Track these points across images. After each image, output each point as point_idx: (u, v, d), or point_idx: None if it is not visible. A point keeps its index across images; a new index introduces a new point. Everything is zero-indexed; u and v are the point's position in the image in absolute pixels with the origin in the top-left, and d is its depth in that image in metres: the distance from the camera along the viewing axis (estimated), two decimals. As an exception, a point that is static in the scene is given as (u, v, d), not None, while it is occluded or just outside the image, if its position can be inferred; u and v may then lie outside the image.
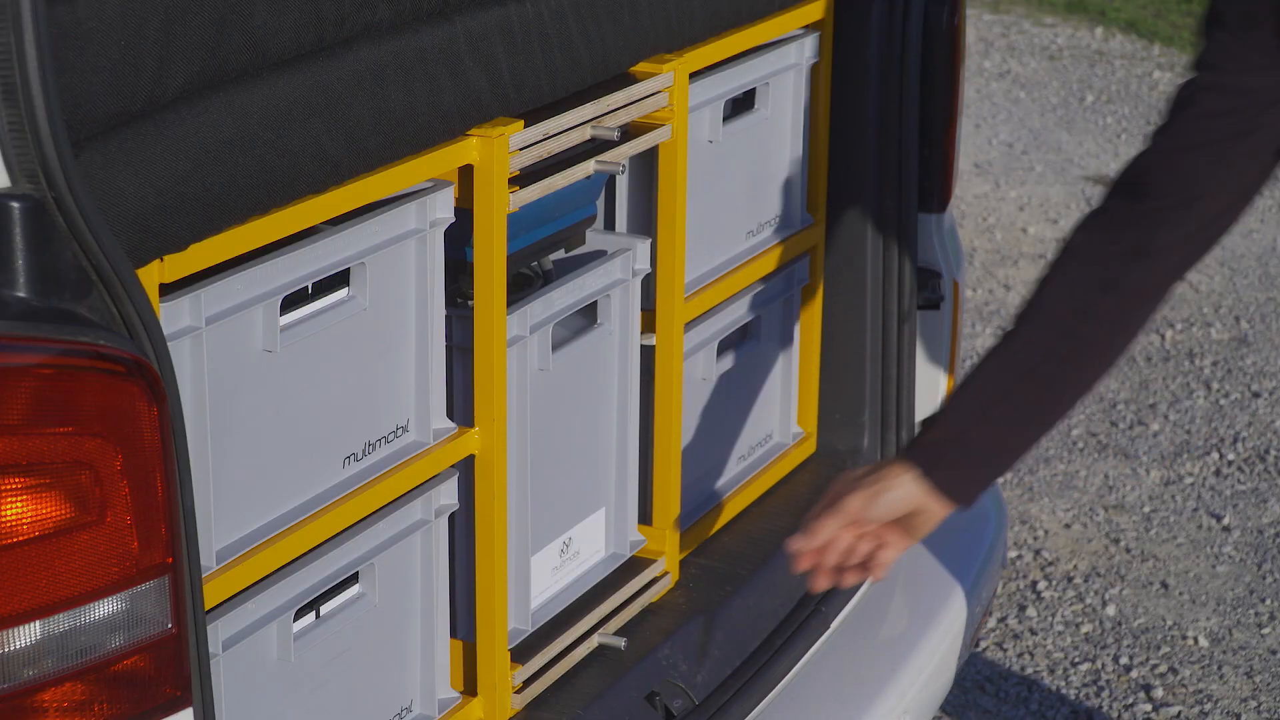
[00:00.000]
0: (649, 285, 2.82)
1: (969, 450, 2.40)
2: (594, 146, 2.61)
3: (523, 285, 2.68)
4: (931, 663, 2.95)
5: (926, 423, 2.46)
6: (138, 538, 1.77)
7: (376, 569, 2.37)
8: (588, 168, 2.60)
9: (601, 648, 2.71)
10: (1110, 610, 4.32)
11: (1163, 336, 5.66)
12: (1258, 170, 2.34)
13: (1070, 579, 4.44)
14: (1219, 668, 4.12)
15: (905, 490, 2.39)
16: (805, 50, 3.09)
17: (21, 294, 1.73)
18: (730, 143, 2.99)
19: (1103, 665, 4.13)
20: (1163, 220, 2.35)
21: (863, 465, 2.47)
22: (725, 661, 2.79)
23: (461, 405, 2.51)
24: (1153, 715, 3.97)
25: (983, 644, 4.19)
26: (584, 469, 2.73)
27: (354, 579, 2.36)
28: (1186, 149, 2.32)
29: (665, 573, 2.87)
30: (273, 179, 2.09)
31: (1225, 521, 4.67)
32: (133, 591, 1.78)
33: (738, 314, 3.04)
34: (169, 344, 1.87)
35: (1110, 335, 2.38)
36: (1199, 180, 2.32)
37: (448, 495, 2.45)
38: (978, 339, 5.63)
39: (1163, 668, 4.12)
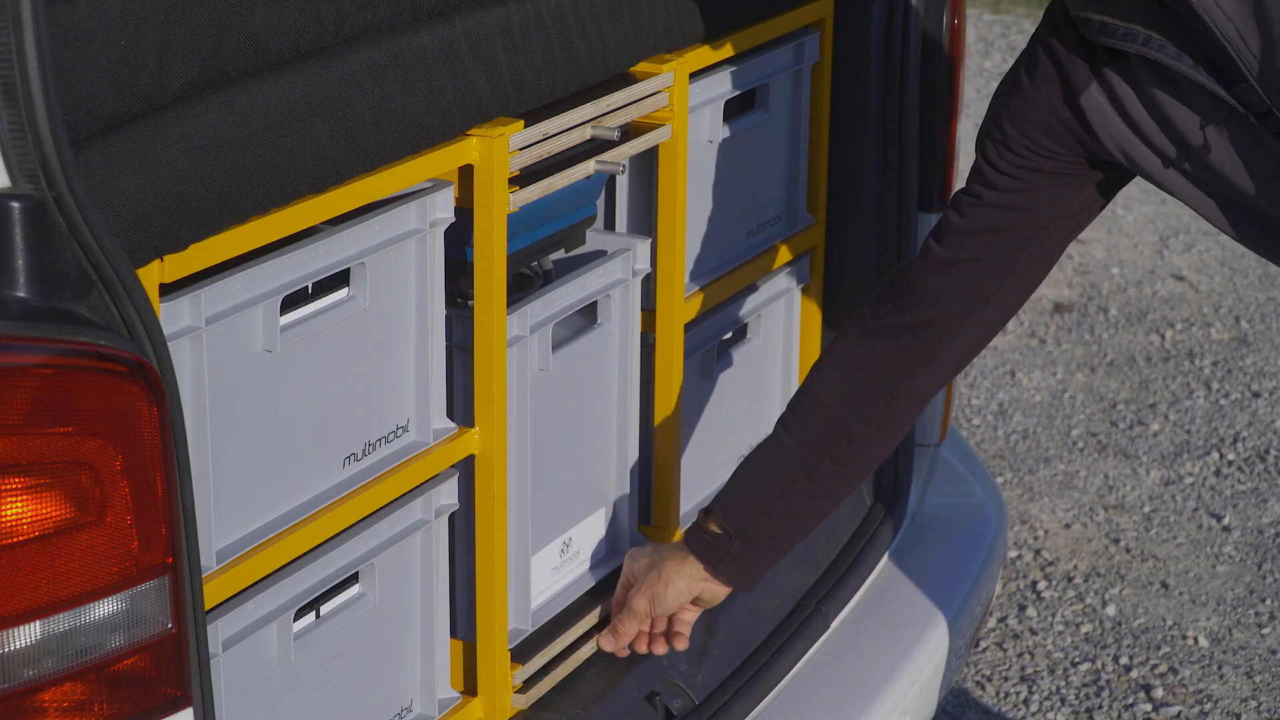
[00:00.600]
0: (649, 285, 2.82)
1: (750, 543, 2.54)
2: (594, 146, 2.61)
3: (523, 285, 2.68)
4: (932, 663, 2.95)
5: (705, 512, 2.58)
6: (138, 538, 1.77)
7: (376, 569, 2.37)
8: (588, 168, 2.60)
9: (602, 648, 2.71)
10: (1110, 610, 4.32)
11: (1163, 336, 5.66)
12: (1039, 273, 2.43)
13: (1070, 579, 4.44)
14: (1219, 668, 4.12)
15: (687, 583, 2.56)
16: (805, 50, 3.09)
17: (21, 294, 1.73)
18: (730, 143, 2.99)
19: (1103, 665, 4.13)
20: (946, 330, 2.43)
21: (647, 545, 2.62)
22: (725, 661, 2.79)
23: (462, 405, 2.51)
24: (1153, 715, 3.97)
25: (983, 644, 4.19)
26: (584, 469, 2.73)
27: (354, 579, 2.36)
28: (968, 260, 2.38)
29: (665, 573, 2.87)
30: (273, 179, 2.09)
31: (1225, 521, 4.67)
32: (133, 591, 1.78)
33: (738, 314, 3.04)
34: (169, 344, 1.87)
35: (890, 432, 2.50)
36: (983, 290, 2.39)
37: (448, 495, 2.45)
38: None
39: (1163, 668, 4.12)
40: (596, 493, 2.77)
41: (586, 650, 2.69)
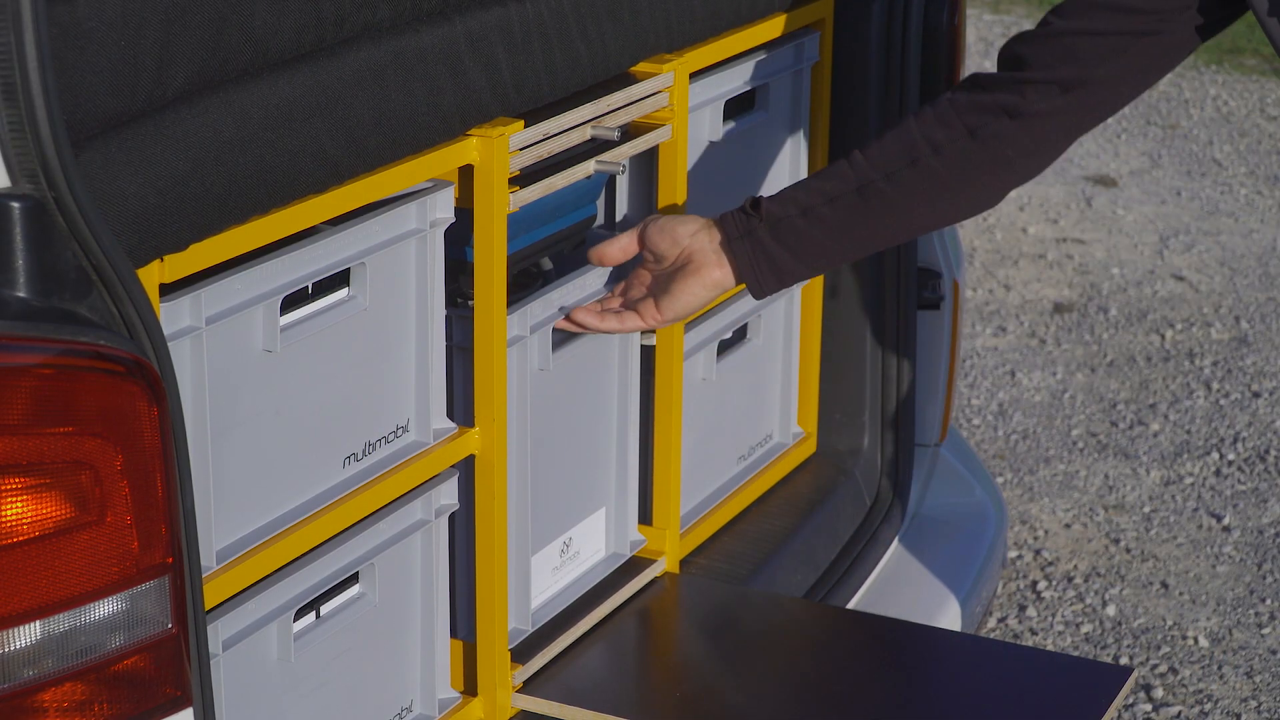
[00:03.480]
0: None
1: (776, 235, 2.43)
2: (594, 146, 2.61)
3: (523, 285, 2.68)
4: (931, 663, 2.95)
5: (751, 199, 2.47)
6: (138, 538, 1.77)
7: (376, 569, 2.37)
8: (588, 168, 2.60)
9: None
10: (1110, 610, 4.32)
11: (1163, 336, 5.66)
12: (1150, 70, 2.37)
13: (1070, 579, 4.44)
14: (1219, 668, 4.12)
15: (692, 230, 2.44)
16: (805, 50, 3.09)
17: (21, 294, 1.73)
18: (730, 143, 2.99)
19: (1103, 665, 4.13)
20: (1041, 93, 2.37)
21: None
22: (725, 661, 2.79)
23: (462, 405, 2.51)
24: (1153, 715, 3.97)
25: (983, 644, 4.19)
26: (584, 469, 2.73)
27: (354, 579, 2.37)
28: (1081, 32, 2.35)
29: (665, 573, 2.87)
30: (273, 179, 2.09)
31: (1225, 521, 4.67)
32: (133, 591, 1.78)
33: (738, 314, 3.04)
34: (169, 344, 1.87)
35: (950, 179, 2.40)
36: (1087, 62, 2.35)
37: (448, 495, 2.45)
38: (977, 339, 5.63)
39: (1163, 668, 4.12)
40: (596, 492, 2.77)
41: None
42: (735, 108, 3.02)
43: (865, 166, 2.42)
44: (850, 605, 3.05)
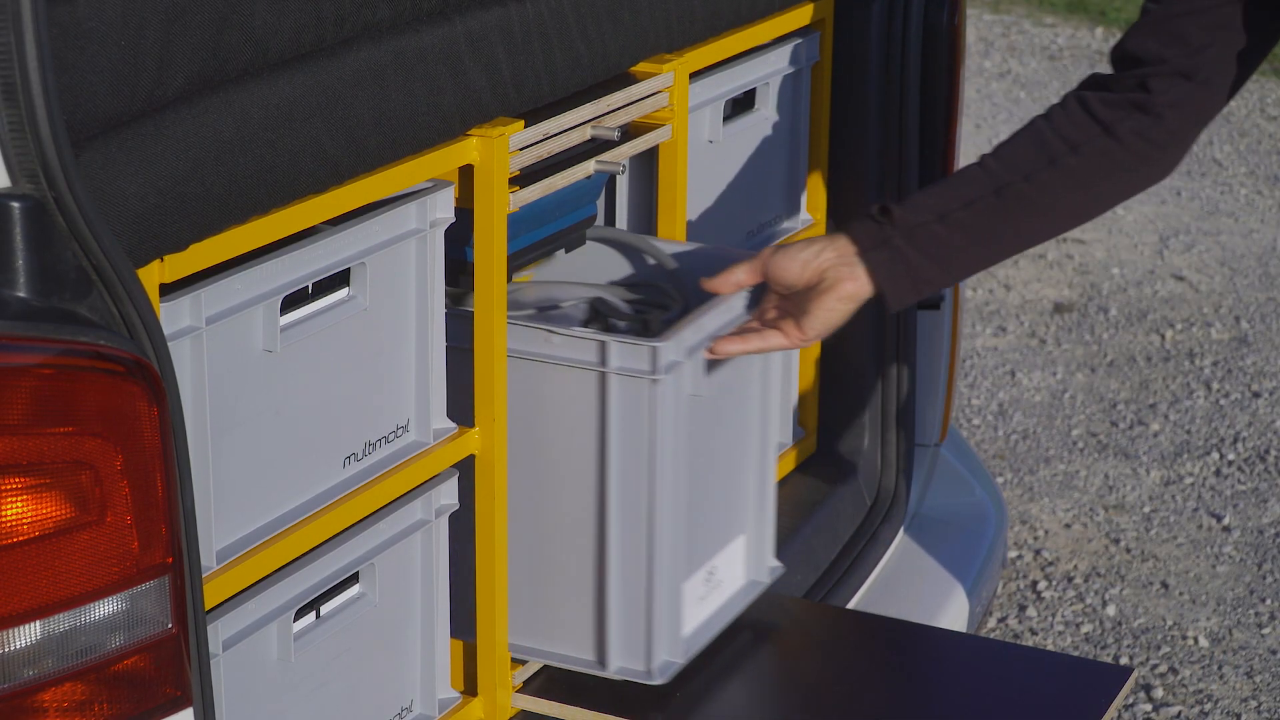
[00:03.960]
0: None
1: (912, 242, 2.38)
2: (594, 146, 2.61)
3: (660, 306, 2.66)
4: (932, 663, 2.95)
5: (876, 206, 2.42)
6: (138, 538, 1.77)
7: (377, 569, 2.37)
8: (588, 168, 2.60)
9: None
10: (1110, 610, 4.32)
11: (1163, 336, 5.66)
12: (1255, 36, 2.36)
13: (1070, 579, 4.44)
14: (1219, 668, 4.12)
15: (817, 248, 2.39)
16: (805, 50, 3.09)
17: (21, 294, 1.73)
18: (730, 143, 2.99)
19: (1103, 665, 4.13)
20: (1165, 82, 2.36)
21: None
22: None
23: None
24: (1153, 715, 3.97)
25: (983, 644, 4.19)
26: (728, 495, 2.69)
27: (354, 579, 2.36)
28: (1183, 15, 2.34)
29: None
30: (273, 179, 2.09)
31: (1225, 521, 4.67)
32: (133, 591, 1.78)
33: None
34: (169, 344, 1.87)
35: (1090, 177, 2.39)
36: (1194, 41, 2.34)
37: (448, 495, 2.45)
38: (978, 339, 5.64)
39: (1163, 668, 4.12)
40: (738, 519, 2.73)
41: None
42: (735, 108, 3.02)
43: (1000, 170, 2.39)
44: (850, 605, 3.05)
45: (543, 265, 2.75)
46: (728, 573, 2.72)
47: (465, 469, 2.49)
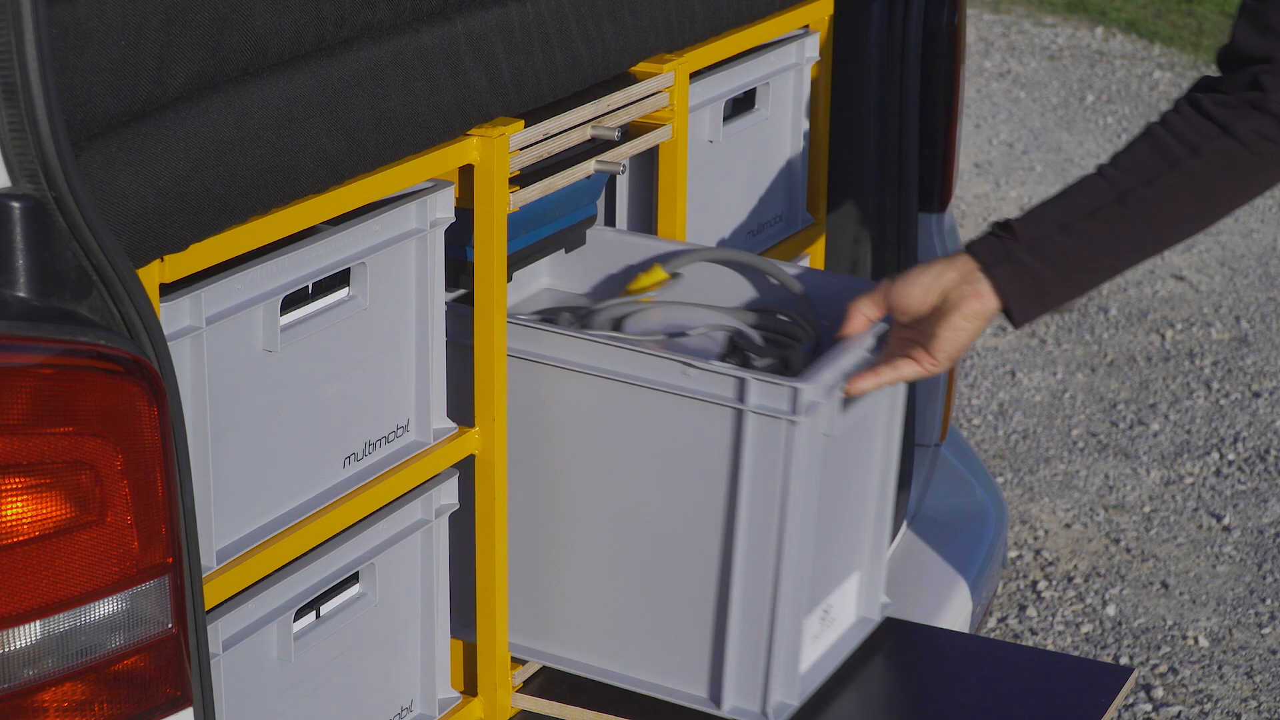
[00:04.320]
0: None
1: (1038, 255, 2.34)
2: (594, 146, 2.61)
3: (791, 337, 2.62)
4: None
5: (995, 223, 2.38)
6: (138, 538, 1.77)
7: (377, 569, 2.37)
8: (588, 168, 2.60)
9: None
10: (1110, 610, 4.32)
11: (1163, 336, 5.66)
12: None
13: (1070, 579, 4.44)
14: (1219, 668, 4.12)
15: (937, 271, 2.35)
16: (805, 50, 3.09)
17: (21, 294, 1.73)
18: (730, 143, 2.99)
19: (1103, 665, 4.13)
20: (1275, 79, 2.32)
21: None
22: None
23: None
24: (1153, 715, 3.98)
25: (983, 644, 4.19)
26: (849, 531, 2.66)
27: (354, 579, 2.37)
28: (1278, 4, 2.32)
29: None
30: (273, 179, 2.09)
31: (1225, 521, 4.67)
32: (133, 591, 1.78)
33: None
34: (169, 344, 1.87)
35: (1213, 178, 2.35)
36: None
37: (448, 495, 2.45)
38: (977, 338, 5.63)
39: (1163, 668, 4.12)
40: (854, 556, 2.70)
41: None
42: (735, 108, 3.02)
43: (1120, 177, 2.35)
44: (850, 605, 3.05)
45: (666, 287, 2.71)
46: (841, 610, 2.68)
47: (465, 469, 2.49)
